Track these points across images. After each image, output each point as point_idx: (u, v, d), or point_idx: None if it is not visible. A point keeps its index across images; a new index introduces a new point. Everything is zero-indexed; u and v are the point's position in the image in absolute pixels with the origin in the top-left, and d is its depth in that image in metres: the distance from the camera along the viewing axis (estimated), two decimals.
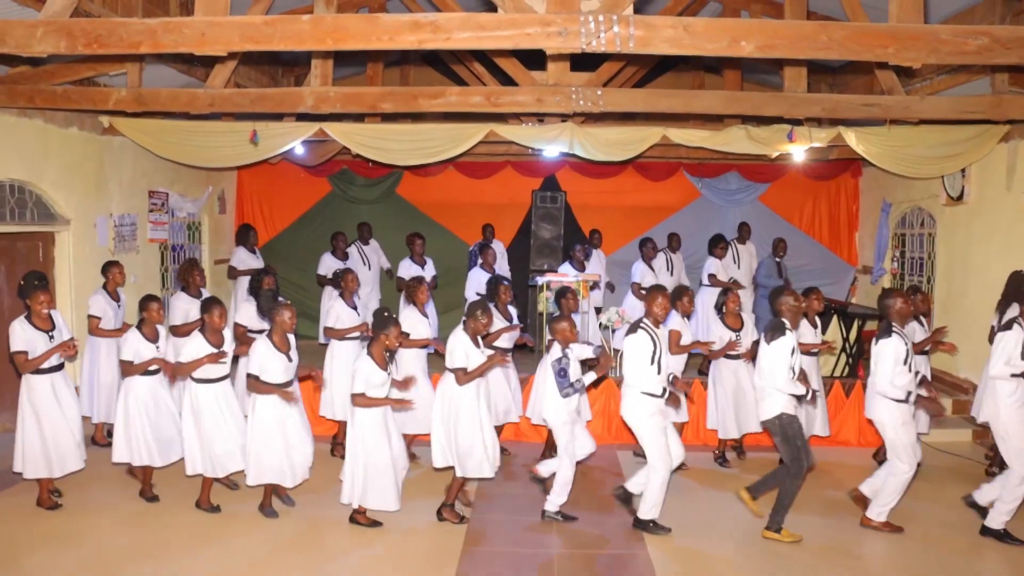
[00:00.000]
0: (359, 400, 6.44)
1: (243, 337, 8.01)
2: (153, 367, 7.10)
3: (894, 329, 6.53)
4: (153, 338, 7.16)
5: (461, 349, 6.72)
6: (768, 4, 9.78)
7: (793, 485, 6.55)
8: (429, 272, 10.88)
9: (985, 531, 6.70)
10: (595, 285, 10.51)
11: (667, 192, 13.62)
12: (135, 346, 7.05)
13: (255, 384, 6.62)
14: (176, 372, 6.96)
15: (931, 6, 7.28)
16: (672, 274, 11.29)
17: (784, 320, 6.55)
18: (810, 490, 7.51)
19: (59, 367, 6.95)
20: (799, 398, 6.56)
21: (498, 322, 8.20)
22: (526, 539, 6.67)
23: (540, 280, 10.15)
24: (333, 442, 8.62)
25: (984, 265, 9.50)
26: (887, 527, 6.79)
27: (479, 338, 6.87)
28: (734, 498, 7.19)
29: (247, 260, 11.23)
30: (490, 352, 7.01)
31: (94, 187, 9.51)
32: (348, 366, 7.80)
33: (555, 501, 6.96)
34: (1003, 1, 7.88)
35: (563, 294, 8.26)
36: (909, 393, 6.53)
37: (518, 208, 13.43)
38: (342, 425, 8.39)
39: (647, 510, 6.77)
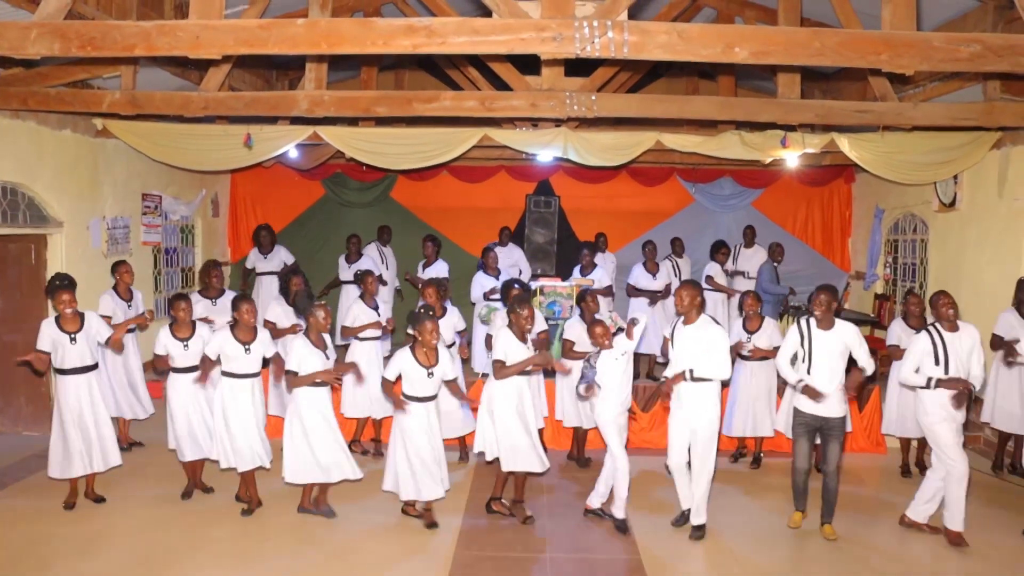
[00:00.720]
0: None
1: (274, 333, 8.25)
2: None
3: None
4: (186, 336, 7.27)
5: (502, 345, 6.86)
6: (762, 10, 9.80)
7: (834, 480, 6.82)
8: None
9: None
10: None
11: (661, 197, 13.63)
12: (163, 342, 7.18)
13: (295, 379, 6.69)
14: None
15: (924, 13, 7.30)
16: (680, 279, 11.29)
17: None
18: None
19: (88, 368, 7.03)
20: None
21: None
22: (519, 542, 6.67)
23: (534, 285, 10.14)
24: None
25: (976, 271, 9.53)
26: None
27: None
28: (731, 500, 7.21)
29: (255, 261, 11.41)
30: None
31: (87, 189, 9.48)
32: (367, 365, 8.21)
33: (622, 507, 6.94)
34: (995, 9, 7.91)
35: (582, 298, 8.28)
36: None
37: (512, 212, 13.44)
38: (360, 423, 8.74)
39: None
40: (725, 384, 7.07)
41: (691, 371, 6.60)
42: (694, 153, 9.83)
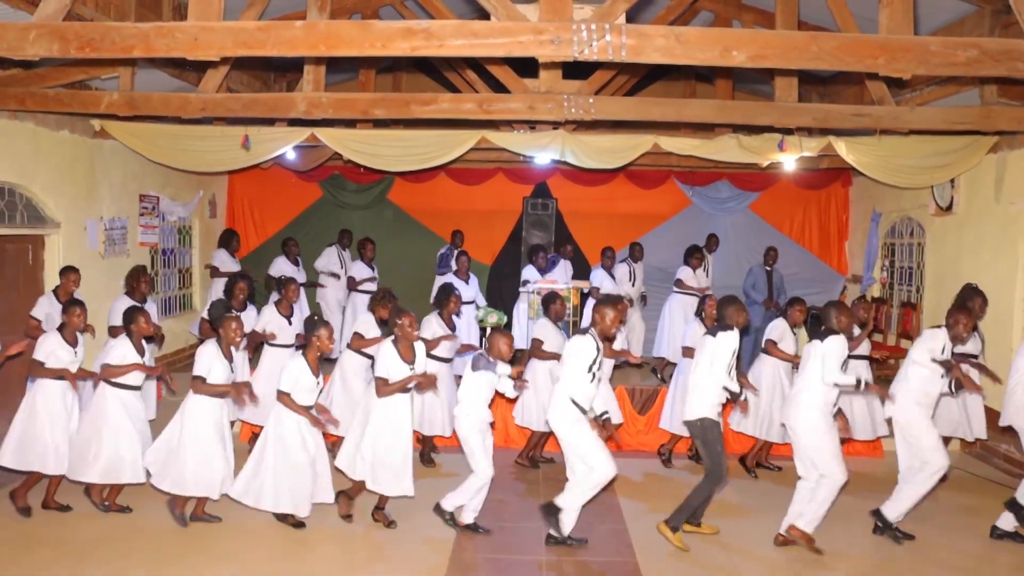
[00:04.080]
0: (285, 399, 6.55)
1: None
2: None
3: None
4: (72, 343, 7.05)
5: (389, 359, 6.70)
6: (760, 14, 9.82)
7: (706, 489, 6.60)
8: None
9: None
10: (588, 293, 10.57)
11: (658, 200, 13.64)
12: (54, 348, 6.93)
13: (203, 386, 6.65)
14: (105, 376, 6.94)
15: (921, 18, 7.32)
16: (634, 284, 11.29)
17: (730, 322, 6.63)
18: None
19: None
20: (734, 396, 6.59)
21: (440, 331, 8.27)
22: (514, 544, 6.68)
23: (531, 287, 10.16)
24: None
25: (972, 275, 9.52)
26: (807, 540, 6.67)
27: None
28: (725, 504, 7.22)
29: (227, 263, 11.29)
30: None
31: (85, 190, 9.47)
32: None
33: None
34: (992, 13, 7.93)
35: (552, 300, 8.29)
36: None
37: (509, 215, 13.46)
38: None
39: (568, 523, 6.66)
40: None
41: None
42: (691, 156, 9.85)
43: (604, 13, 5.65)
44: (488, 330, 9.36)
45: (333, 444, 7.81)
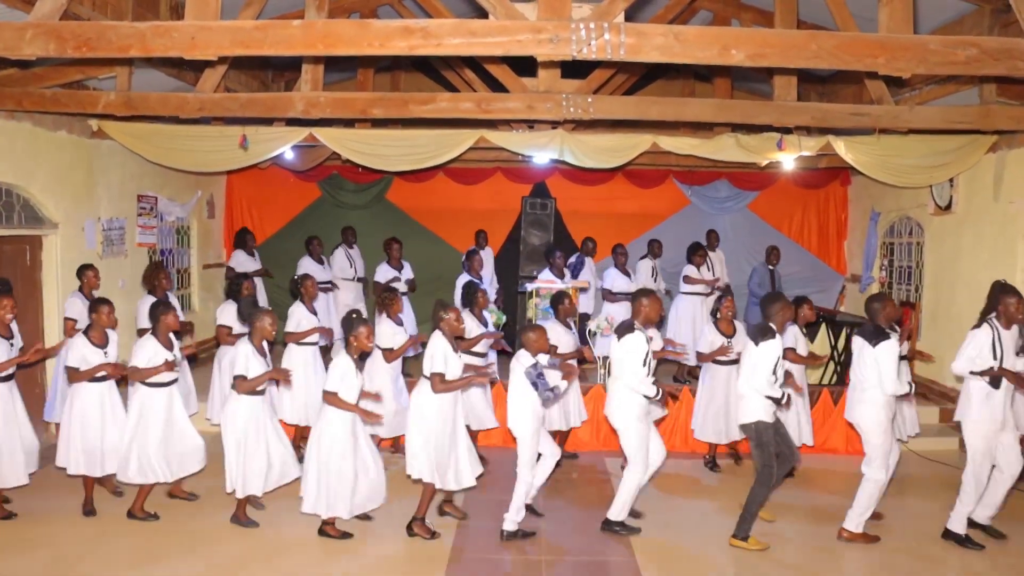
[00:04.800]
0: (333, 399, 6.43)
1: (225, 338, 8.20)
2: (100, 373, 6.95)
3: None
4: (101, 343, 7.01)
5: (440, 353, 6.63)
6: (758, 13, 9.81)
7: (762, 493, 6.58)
8: (406, 275, 10.98)
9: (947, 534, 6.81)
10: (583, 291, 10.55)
11: (657, 199, 13.63)
12: (82, 351, 6.90)
13: (243, 383, 6.60)
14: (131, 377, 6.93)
15: (920, 17, 7.31)
16: (656, 280, 11.30)
17: (772, 325, 6.57)
18: (795, 497, 7.54)
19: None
20: (776, 402, 6.56)
21: (477, 329, 8.23)
22: (514, 544, 6.65)
23: (530, 286, 10.14)
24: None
25: (971, 274, 9.54)
26: (864, 538, 6.77)
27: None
28: (722, 503, 7.21)
29: (245, 263, 11.29)
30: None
31: (82, 191, 9.45)
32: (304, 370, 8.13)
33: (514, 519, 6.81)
34: (991, 12, 7.93)
35: (559, 300, 8.27)
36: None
37: (508, 214, 13.44)
38: (300, 430, 8.42)
39: (617, 511, 6.79)
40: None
41: None
42: (690, 155, 9.84)
43: (603, 12, 5.63)
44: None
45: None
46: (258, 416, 6.75)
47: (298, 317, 8.35)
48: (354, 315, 6.76)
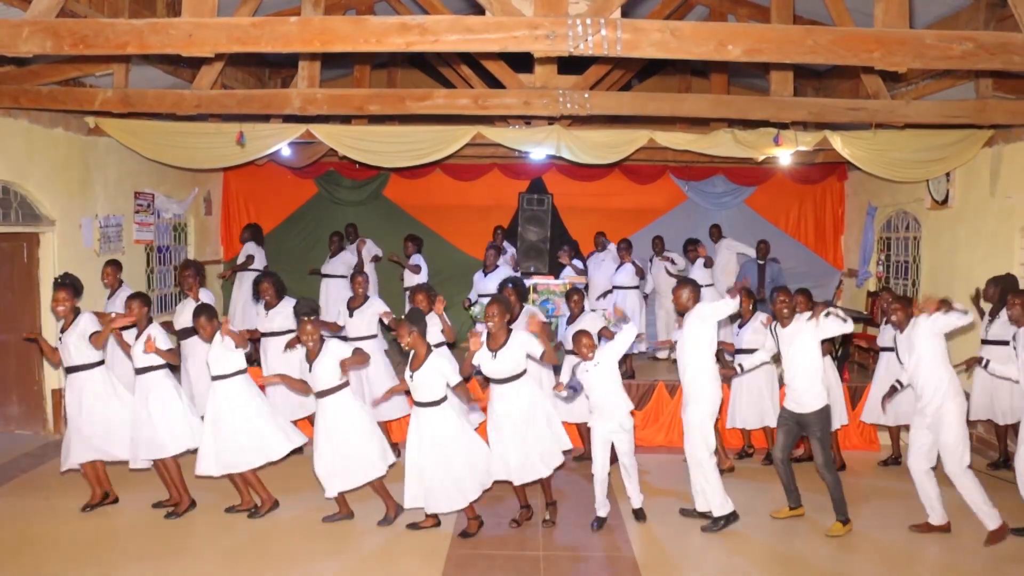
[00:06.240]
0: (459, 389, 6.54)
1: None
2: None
3: None
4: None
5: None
6: (755, 8, 9.81)
7: (834, 476, 6.83)
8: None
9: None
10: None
11: (653, 195, 13.63)
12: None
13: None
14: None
15: (916, 11, 7.32)
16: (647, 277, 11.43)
17: None
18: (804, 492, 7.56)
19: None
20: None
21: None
22: (512, 540, 6.67)
23: (528, 283, 10.15)
24: None
25: (968, 268, 9.55)
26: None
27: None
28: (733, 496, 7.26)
29: (263, 258, 11.53)
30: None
31: (79, 188, 9.45)
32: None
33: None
34: (987, 7, 7.93)
35: (570, 296, 8.27)
36: None
37: (505, 211, 13.42)
38: None
39: (719, 505, 6.86)
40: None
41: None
42: (687, 151, 9.83)
43: (599, 8, 5.63)
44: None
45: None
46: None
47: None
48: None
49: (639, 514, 7.08)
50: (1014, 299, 6.66)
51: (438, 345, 7.61)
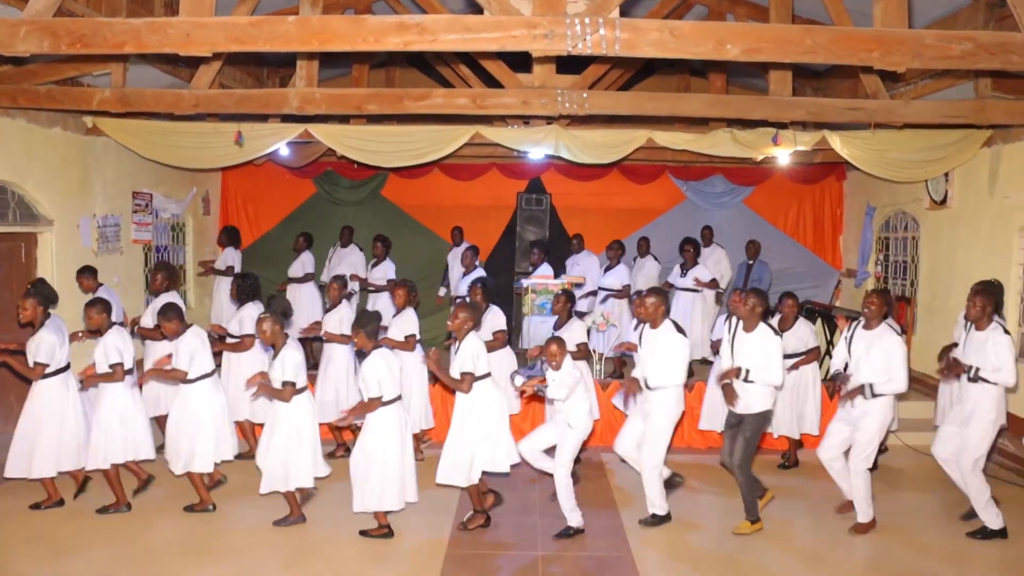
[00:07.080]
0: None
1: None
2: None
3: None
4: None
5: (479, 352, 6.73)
6: (753, 8, 9.81)
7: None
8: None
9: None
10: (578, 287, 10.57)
11: (652, 195, 13.64)
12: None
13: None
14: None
15: (915, 11, 7.31)
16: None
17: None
18: (798, 493, 7.54)
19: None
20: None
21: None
22: (510, 540, 6.67)
23: (525, 282, 10.16)
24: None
25: (967, 269, 9.55)
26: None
27: None
28: (721, 498, 7.23)
29: (240, 261, 11.39)
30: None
31: (77, 188, 9.44)
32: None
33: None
34: (986, 7, 7.93)
35: (556, 300, 8.27)
36: None
37: (503, 210, 13.44)
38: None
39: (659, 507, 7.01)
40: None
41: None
42: (686, 151, 9.84)
43: (598, 7, 5.62)
44: None
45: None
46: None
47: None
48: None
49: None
50: (975, 298, 6.68)
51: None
